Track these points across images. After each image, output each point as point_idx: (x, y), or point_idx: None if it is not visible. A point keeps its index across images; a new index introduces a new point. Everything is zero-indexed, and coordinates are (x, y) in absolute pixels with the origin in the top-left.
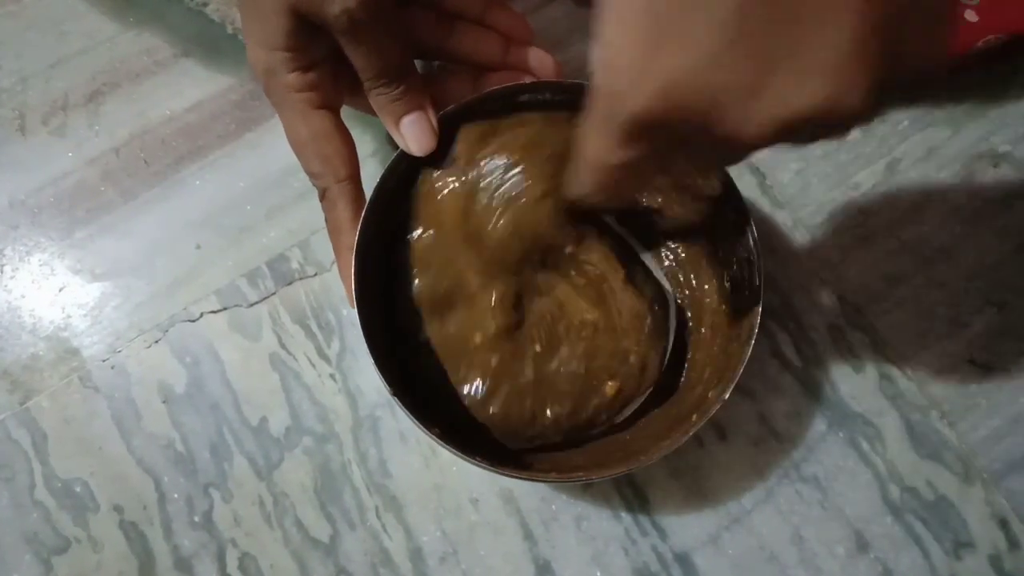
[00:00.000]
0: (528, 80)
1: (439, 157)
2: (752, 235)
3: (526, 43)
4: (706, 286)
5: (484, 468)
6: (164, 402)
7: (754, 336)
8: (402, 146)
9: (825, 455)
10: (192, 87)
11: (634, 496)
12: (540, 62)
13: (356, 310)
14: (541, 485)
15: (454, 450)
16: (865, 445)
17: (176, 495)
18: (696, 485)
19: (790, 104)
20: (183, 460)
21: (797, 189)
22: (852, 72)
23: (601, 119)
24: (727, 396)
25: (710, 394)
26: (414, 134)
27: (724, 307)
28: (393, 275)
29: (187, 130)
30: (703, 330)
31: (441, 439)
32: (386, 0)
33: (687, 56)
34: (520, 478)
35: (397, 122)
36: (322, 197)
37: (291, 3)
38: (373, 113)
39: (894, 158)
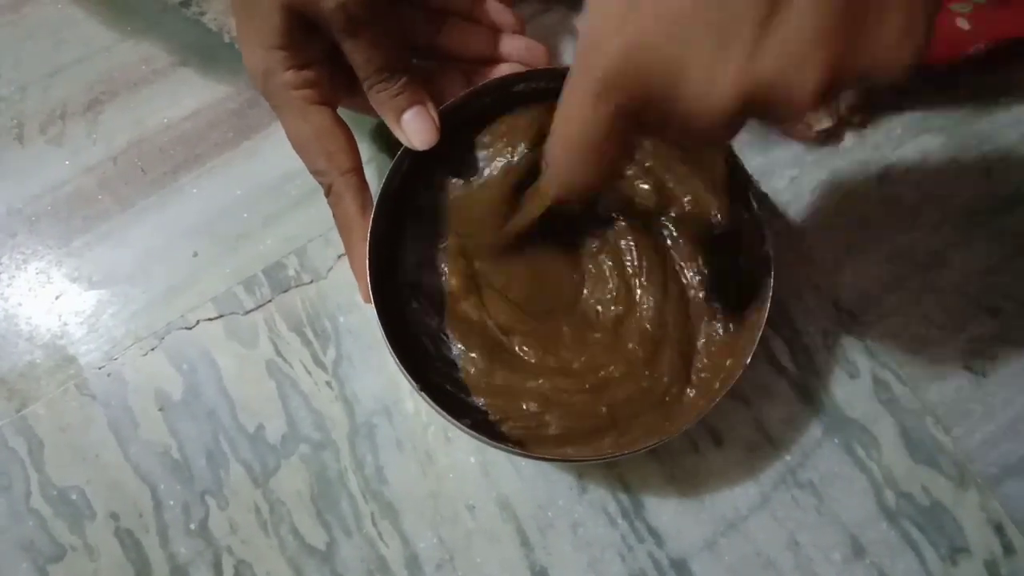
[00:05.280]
0: (511, 70)
1: (461, 166)
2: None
3: (516, 34)
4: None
5: (515, 454)
6: (160, 409)
7: (766, 310)
8: (404, 141)
9: (820, 461)
10: (189, 96)
11: (630, 502)
12: (530, 51)
13: (372, 304)
14: (538, 491)
15: (486, 440)
16: (860, 451)
17: (172, 503)
18: (692, 491)
19: (744, 77)
20: (179, 467)
21: (791, 196)
22: (808, 57)
23: (576, 79)
24: (748, 361)
25: (728, 362)
26: (416, 128)
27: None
28: (397, 273)
29: (184, 138)
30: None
31: (473, 430)
32: None
33: (654, 17)
34: (552, 460)
35: (398, 117)
36: (327, 193)
37: (286, 1)
38: (369, 113)
39: (888, 165)
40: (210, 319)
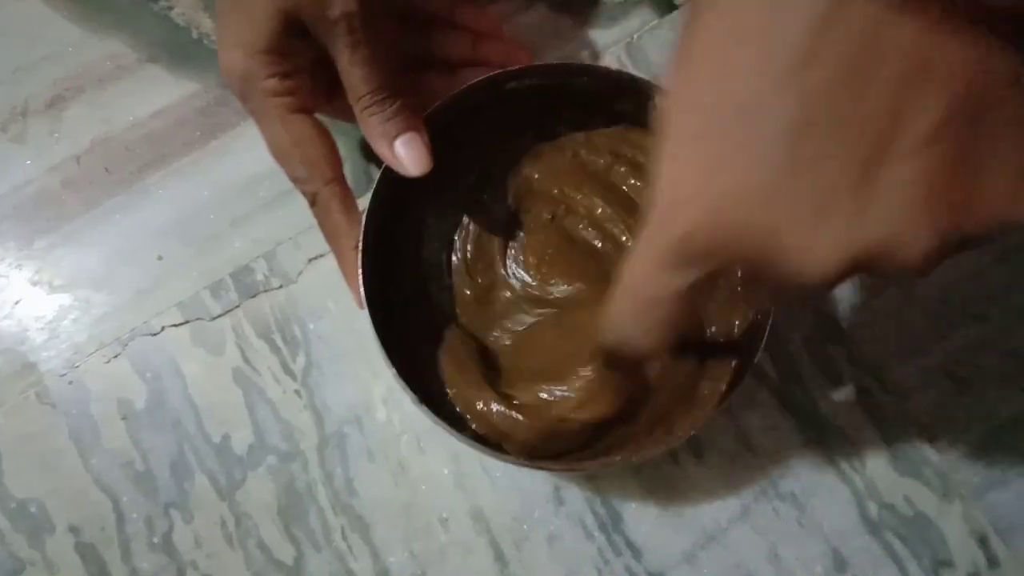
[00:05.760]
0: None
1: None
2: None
3: (496, 38)
4: None
5: (520, 466)
6: (124, 419)
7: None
8: (396, 168)
9: (802, 471)
10: (157, 93)
11: (607, 514)
12: (511, 55)
13: (368, 312)
14: (513, 503)
15: (492, 452)
16: (843, 461)
17: (135, 515)
18: (671, 502)
19: (847, 246)
20: (143, 479)
21: None
22: (914, 221)
23: (646, 244)
24: (756, 360)
25: (734, 362)
26: (411, 155)
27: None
28: (389, 283)
29: (151, 137)
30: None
31: (476, 440)
32: (381, 6)
33: (740, 184)
34: (560, 470)
35: (391, 143)
36: (312, 203)
37: (284, 5)
38: (348, 119)
39: None
40: (175, 325)
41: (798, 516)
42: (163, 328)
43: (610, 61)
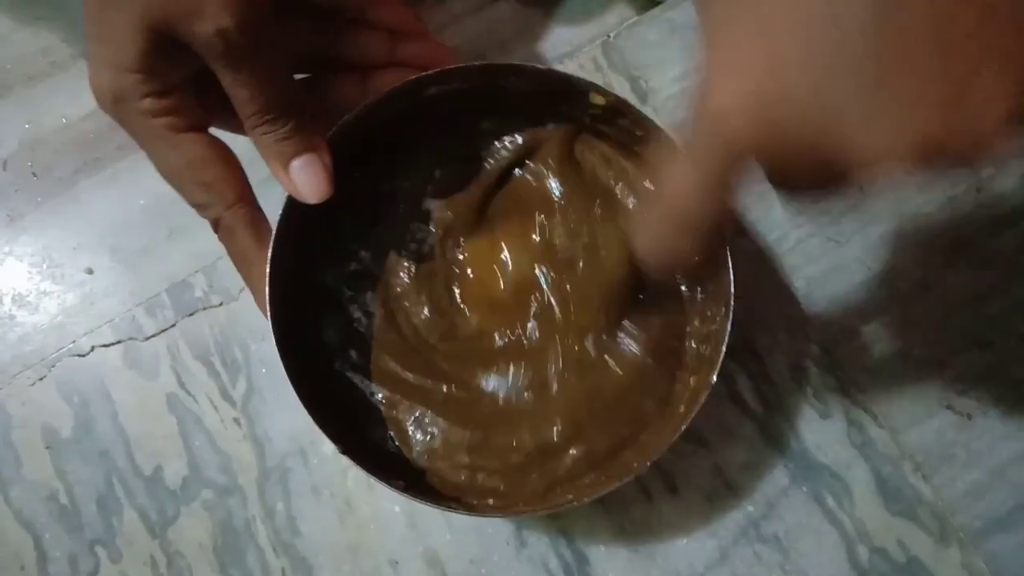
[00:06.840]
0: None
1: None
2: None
3: (416, 36)
4: None
5: (464, 514)
6: (47, 447)
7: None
8: (292, 193)
9: (787, 512)
10: (90, 92)
11: (573, 558)
12: (432, 54)
13: (279, 356)
14: (471, 545)
15: (427, 502)
16: (831, 501)
17: (58, 554)
18: (643, 544)
19: (918, 127)
20: (67, 514)
21: (760, 213)
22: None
23: (699, 147)
24: (714, 379)
25: (692, 380)
26: (307, 179)
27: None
28: (311, 314)
29: (84, 140)
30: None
31: (405, 492)
32: (267, 16)
33: (803, 70)
34: (512, 516)
35: (286, 165)
36: (216, 228)
37: (151, 19)
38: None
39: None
40: (106, 345)
41: (781, 561)
42: (92, 348)
43: (584, 61)
